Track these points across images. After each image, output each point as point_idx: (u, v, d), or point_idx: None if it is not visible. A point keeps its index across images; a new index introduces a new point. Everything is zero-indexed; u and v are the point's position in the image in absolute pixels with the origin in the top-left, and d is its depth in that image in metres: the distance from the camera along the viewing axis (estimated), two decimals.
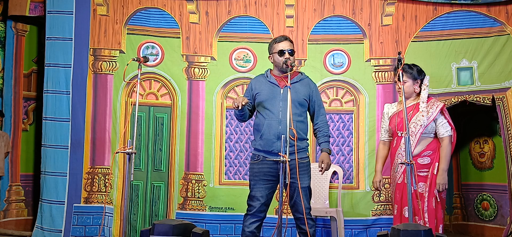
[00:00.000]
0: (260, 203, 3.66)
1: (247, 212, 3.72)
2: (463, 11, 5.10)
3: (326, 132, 3.83)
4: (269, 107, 3.70)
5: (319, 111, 3.84)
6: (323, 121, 3.83)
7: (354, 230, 5.05)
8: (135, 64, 3.93)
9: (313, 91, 3.82)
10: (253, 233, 3.67)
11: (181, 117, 5.29)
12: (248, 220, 3.68)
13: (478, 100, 4.96)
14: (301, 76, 3.85)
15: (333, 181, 5.08)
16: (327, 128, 3.84)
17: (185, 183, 5.24)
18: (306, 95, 3.77)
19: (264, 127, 3.69)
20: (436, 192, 3.80)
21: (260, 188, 3.69)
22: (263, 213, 3.70)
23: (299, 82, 3.79)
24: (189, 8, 5.38)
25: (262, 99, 3.75)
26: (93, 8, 5.33)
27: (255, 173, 3.72)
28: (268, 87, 3.77)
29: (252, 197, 3.70)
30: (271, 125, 3.66)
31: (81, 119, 5.21)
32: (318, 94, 3.88)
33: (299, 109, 3.73)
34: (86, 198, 5.18)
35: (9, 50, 5.54)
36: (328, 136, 3.84)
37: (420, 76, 3.95)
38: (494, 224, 5.28)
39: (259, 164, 3.71)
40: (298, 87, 3.75)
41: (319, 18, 5.33)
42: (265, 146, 3.68)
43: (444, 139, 3.85)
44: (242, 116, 3.79)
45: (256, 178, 3.71)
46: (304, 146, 3.74)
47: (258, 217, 3.68)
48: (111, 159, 5.17)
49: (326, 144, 3.79)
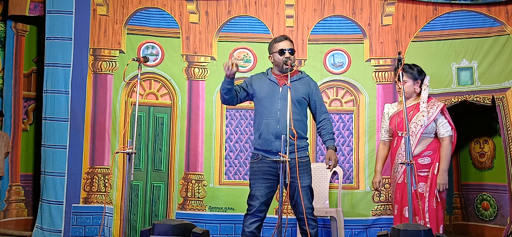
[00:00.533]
0: (260, 202, 3.65)
1: (247, 212, 3.71)
2: (463, 11, 5.10)
3: (330, 129, 3.79)
4: (267, 105, 3.69)
5: (321, 109, 3.82)
6: (325, 118, 3.81)
7: (354, 230, 5.05)
8: (135, 64, 3.93)
9: (312, 89, 3.80)
10: (253, 233, 3.66)
11: (181, 117, 5.29)
12: (248, 220, 3.68)
13: (478, 100, 4.96)
14: (301, 74, 3.84)
15: (333, 181, 5.08)
16: (330, 126, 3.81)
17: (185, 183, 5.24)
18: (305, 93, 3.76)
19: (263, 126, 3.68)
20: (437, 192, 3.80)
21: (260, 187, 3.68)
22: (263, 213, 3.69)
23: (298, 80, 3.78)
24: (189, 8, 5.38)
25: (261, 96, 3.74)
26: (93, 8, 5.32)
27: (255, 172, 3.72)
28: (267, 85, 3.76)
29: (252, 196, 3.70)
30: (269, 124, 3.66)
31: (81, 119, 5.21)
32: (319, 92, 3.87)
33: (298, 107, 3.72)
34: (85, 198, 5.17)
35: (9, 50, 5.54)
36: (332, 133, 3.80)
37: (420, 76, 3.95)
38: (494, 224, 5.28)
39: (258, 163, 3.71)
40: (297, 86, 3.74)
41: (319, 18, 5.33)
42: (264, 145, 3.68)
43: (444, 139, 3.85)
44: (229, 91, 3.68)
45: (255, 177, 3.71)
46: (304, 145, 3.73)
47: (258, 217, 3.67)
48: (110, 159, 5.17)
49: (331, 141, 3.76)
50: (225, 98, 3.76)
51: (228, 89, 3.69)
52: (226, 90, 3.69)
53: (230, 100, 3.77)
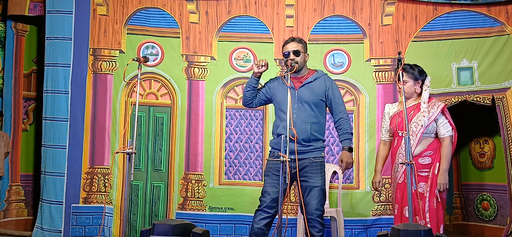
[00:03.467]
0: (271, 198, 3.63)
1: (257, 208, 3.70)
2: (463, 11, 5.11)
3: (346, 129, 3.72)
4: (283, 109, 3.66)
5: (337, 107, 3.76)
6: (342, 118, 3.74)
7: (354, 230, 5.05)
8: (135, 64, 3.93)
9: (328, 88, 3.75)
10: (261, 229, 3.64)
11: (181, 117, 5.29)
12: (258, 216, 3.67)
13: (478, 100, 4.96)
14: (317, 74, 3.80)
15: (333, 181, 5.08)
16: (347, 125, 3.74)
17: (185, 183, 5.24)
18: (321, 94, 3.73)
19: (280, 128, 3.69)
20: (437, 192, 3.80)
21: (272, 183, 3.67)
22: (272, 209, 3.65)
23: (314, 81, 3.75)
24: (189, 8, 5.38)
25: (279, 100, 3.75)
26: (93, 8, 5.32)
27: (269, 169, 3.72)
28: (284, 88, 3.72)
29: (264, 192, 3.70)
30: (286, 127, 3.65)
31: (80, 119, 5.21)
32: (335, 90, 3.79)
33: (315, 110, 3.70)
34: (85, 198, 5.17)
35: (9, 50, 5.54)
36: (348, 132, 3.73)
37: (421, 77, 3.95)
38: (494, 224, 5.28)
39: (273, 161, 3.71)
40: (313, 87, 3.72)
41: (319, 18, 5.33)
42: (280, 145, 3.67)
43: (445, 139, 3.85)
44: (254, 90, 3.76)
45: (269, 173, 3.71)
46: (319, 146, 3.71)
47: (268, 213, 3.65)
48: (110, 159, 5.17)
49: (346, 142, 3.71)
50: (246, 97, 3.82)
51: (253, 87, 3.76)
52: (251, 88, 3.77)
53: (251, 99, 3.83)
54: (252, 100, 3.84)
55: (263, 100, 3.87)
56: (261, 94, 3.85)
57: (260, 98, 3.86)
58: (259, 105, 3.91)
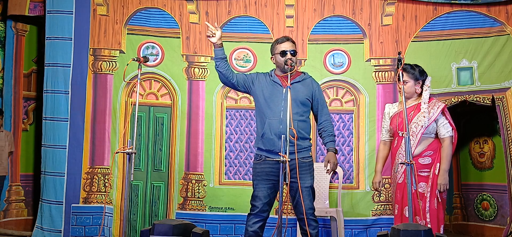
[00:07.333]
0: (263, 203, 3.67)
1: (250, 212, 3.73)
2: (463, 11, 5.11)
3: (331, 131, 3.81)
4: (271, 106, 3.70)
5: (323, 110, 3.83)
6: (327, 120, 3.82)
7: (354, 230, 5.05)
8: (135, 64, 3.93)
9: (315, 90, 3.81)
10: (256, 233, 3.68)
11: (181, 117, 5.29)
12: (251, 220, 3.69)
13: (478, 100, 4.96)
14: (304, 75, 3.85)
15: (333, 181, 5.08)
16: (331, 127, 3.82)
17: (185, 183, 5.24)
18: (308, 94, 3.77)
19: (266, 126, 3.69)
20: (438, 192, 3.81)
21: (263, 188, 3.69)
22: (266, 213, 3.70)
23: (301, 82, 3.79)
24: (189, 8, 5.38)
25: (264, 97, 3.74)
26: (93, 8, 5.32)
27: (258, 173, 3.73)
28: (271, 86, 3.77)
29: (255, 197, 3.71)
30: (272, 125, 3.66)
31: (80, 119, 5.21)
32: (321, 93, 3.88)
33: (301, 108, 3.72)
34: (85, 198, 5.17)
35: (9, 50, 5.54)
36: (333, 135, 3.81)
37: (421, 77, 3.95)
38: (494, 224, 5.28)
39: (261, 164, 3.72)
40: (300, 87, 3.75)
41: (319, 18, 5.33)
42: (267, 146, 3.68)
43: (445, 140, 3.85)
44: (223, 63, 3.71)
45: (258, 178, 3.72)
46: (306, 146, 3.74)
47: (261, 217, 3.69)
48: (110, 159, 5.17)
49: (331, 144, 3.77)
50: (216, 65, 3.76)
51: (220, 58, 3.72)
52: (219, 60, 3.72)
53: (226, 75, 3.76)
54: (228, 76, 3.76)
55: (241, 83, 3.81)
56: (242, 77, 3.83)
57: (239, 80, 3.81)
58: (238, 89, 3.86)
